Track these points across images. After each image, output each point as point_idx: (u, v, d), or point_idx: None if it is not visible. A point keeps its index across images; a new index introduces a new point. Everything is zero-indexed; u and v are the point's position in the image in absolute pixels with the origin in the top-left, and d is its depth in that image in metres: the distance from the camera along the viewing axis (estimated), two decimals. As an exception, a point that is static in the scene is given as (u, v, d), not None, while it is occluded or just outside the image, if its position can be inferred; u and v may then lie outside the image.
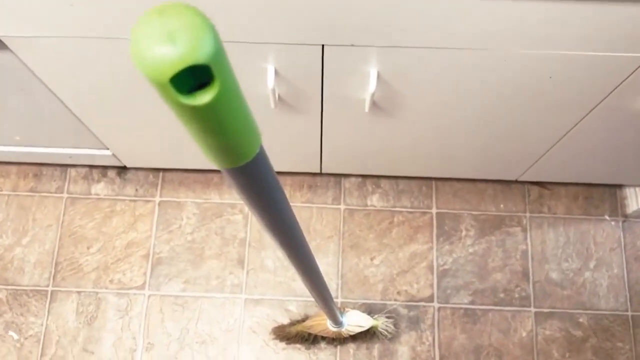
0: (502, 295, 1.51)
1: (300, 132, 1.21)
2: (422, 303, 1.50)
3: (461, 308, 1.50)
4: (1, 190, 1.59)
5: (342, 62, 0.93)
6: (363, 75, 0.97)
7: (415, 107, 1.09)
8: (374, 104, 1.06)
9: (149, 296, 1.50)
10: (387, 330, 1.38)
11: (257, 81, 0.98)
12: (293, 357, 1.45)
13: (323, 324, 1.25)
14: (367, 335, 1.41)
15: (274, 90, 0.97)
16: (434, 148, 1.30)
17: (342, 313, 1.24)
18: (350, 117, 1.12)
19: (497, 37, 0.86)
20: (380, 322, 1.36)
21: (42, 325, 1.48)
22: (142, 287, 1.51)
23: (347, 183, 1.60)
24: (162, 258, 1.53)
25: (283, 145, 1.30)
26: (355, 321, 1.27)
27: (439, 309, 1.49)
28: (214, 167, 1.50)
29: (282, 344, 1.46)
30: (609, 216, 1.58)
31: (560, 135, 1.22)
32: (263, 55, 0.92)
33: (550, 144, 1.28)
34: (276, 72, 0.96)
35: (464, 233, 1.56)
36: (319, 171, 1.49)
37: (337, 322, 1.20)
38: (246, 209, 1.57)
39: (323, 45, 0.89)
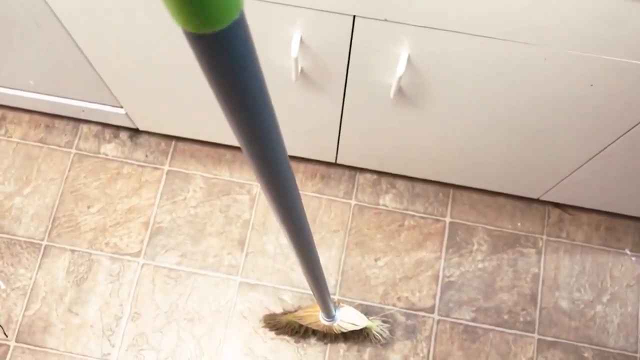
0: (506, 316, 1.44)
1: (319, 113, 1.16)
2: (422, 313, 1.43)
3: (462, 324, 1.43)
4: (11, 137, 1.56)
5: (372, 39, 0.88)
6: (392, 57, 0.91)
7: (442, 101, 1.03)
8: (400, 91, 1.00)
9: (143, 265, 1.46)
10: (381, 335, 1.32)
11: (281, 48, 0.93)
12: (280, 348, 1.39)
13: (315, 315, 1.19)
14: (360, 337, 1.35)
15: (296, 61, 0.92)
16: (456, 150, 1.24)
17: (336, 307, 1.18)
18: (373, 103, 1.07)
19: (543, 31, 0.80)
20: (375, 325, 1.30)
21: (30, 278, 1.44)
22: (137, 254, 1.47)
23: (361, 178, 1.54)
24: (162, 228, 1.49)
25: (300, 126, 1.25)
26: (348, 318, 1.21)
27: (439, 321, 1.43)
28: (228, 142, 1.45)
29: (271, 334, 1.40)
30: (630, 251, 1.50)
31: (591, 154, 1.15)
32: (290, 20, 0.87)
33: (578, 163, 1.21)
34: (301, 41, 0.91)
35: (475, 247, 1.49)
36: (333, 161, 1.44)
37: (330, 316, 1.14)
38: (254, 190, 1.52)
39: (354, 17, 0.84)
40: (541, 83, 0.92)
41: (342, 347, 1.39)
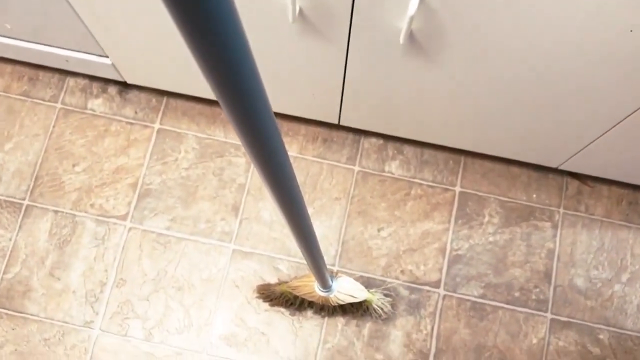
0: (517, 294, 1.34)
1: (320, 63, 1.05)
2: (427, 287, 1.34)
3: (469, 300, 1.33)
4: (-8, 90, 1.46)
5: (381, -29, 0.77)
6: (403, -6, 0.80)
7: (458, 51, 0.92)
8: (411, 36, 0.89)
9: (130, 229, 1.36)
10: (382, 309, 1.23)
11: (277, -18, 0.82)
12: (275, 321, 1.30)
13: (310, 285, 1.10)
14: (359, 311, 1.26)
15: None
16: (471, 111, 1.13)
17: (333, 277, 1.09)
18: (381, 51, 0.95)
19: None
20: (376, 298, 1.20)
21: (10, 240, 1.35)
22: (124, 217, 1.37)
23: (366, 143, 1.44)
24: (151, 190, 1.39)
25: (299, 80, 1.14)
26: (347, 289, 1.12)
27: (444, 297, 1.33)
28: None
29: (265, 305, 1.31)
30: (654, 227, 1.39)
31: (618, 118, 1.04)
32: (287, -55, 0.75)
33: (604, 128, 1.10)
34: (300, -27, 0.80)
35: (486, 219, 1.39)
36: (336, 122, 1.33)
37: (326, 286, 1.04)
38: (251, 152, 1.42)
39: (361, -58, 0.73)
40: (573, 27, 0.81)
41: (340, 321, 1.30)
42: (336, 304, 1.12)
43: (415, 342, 1.30)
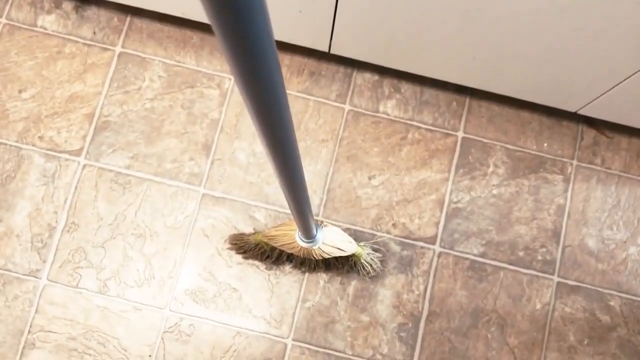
0: (521, 253, 1.19)
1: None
2: (421, 243, 1.19)
3: (468, 259, 1.19)
4: None
5: None
6: None
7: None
8: None
9: (84, 166, 1.19)
10: (371, 265, 1.07)
11: None
12: (248, 275, 1.15)
13: (290, 235, 0.94)
14: (345, 267, 1.10)
15: None
16: (482, 40, 0.95)
17: (318, 226, 0.93)
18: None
19: None
20: (365, 253, 1.05)
21: (-56, 174, 1.17)
22: (77, 153, 1.19)
23: (359, 78, 1.26)
24: (110, 123, 1.21)
25: (285, -7, 0.95)
26: (333, 241, 0.96)
27: (440, 254, 1.18)
28: (198, 18, 1.15)
29: (238, 257, 1.15)
30: (676, 185, 1.25)
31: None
32: None
33: (630, 70, 0.93)
34: None
35: (491, 169, 1.23)
36: (327, 49, 1.15)
37: (309, 236, 0.88)
38: (226, 84, 1.23)
39: None
40: None
41: (322, 277, 1.15)
42: (320, 258, 0.96)
43: (406, 303, 1.16)
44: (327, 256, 0.95)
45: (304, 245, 0.92)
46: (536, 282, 1.18)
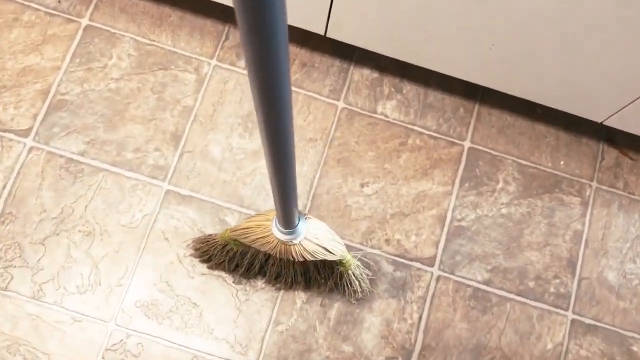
0: (532, 283, 1.03)
1: None
2: (417, 264, 1.02)
3: (470, 286, 1.02)
4: None
5: None
6: None
7: None
8: None
9: (31, 149, 1.02)
10: (359, 282, 0.90)
11: None
12: (213, 289, 0.97)
13: (266, 226, 0.76)
14: (329, 280, 0.93)
15: None
16: (501, 30, 0.82)
17: (301, 216, 0.76)
18: None
19: None
20: (354, 264, 0.88)
21: None
22: (25, 133, 1.02)
23: (356, 74, 1.11)
24: (66, 102, 1.04)
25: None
26: (318, 237, 0.78)
27: (439, 278, 1.02)
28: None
29: (202, 267, 0.98)
30: None
31: None
32: None
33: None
34: None
35: (500, 185, 1.08)
36: (323, 32, 1.00)
37: (290, 224, 0.71)
38: (204, 69, 1.08)
39: None
40: None
41: (300, 297, 0.98)
42: (300, 259, 0.78)
43: (397, 334, 0.98)
44: (309, 257, 0.78)
45: (282, 237, 0.74)
46: (548, 318, 1.01)
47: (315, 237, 0.76)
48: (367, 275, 0.95)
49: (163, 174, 1.02)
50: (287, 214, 0.64)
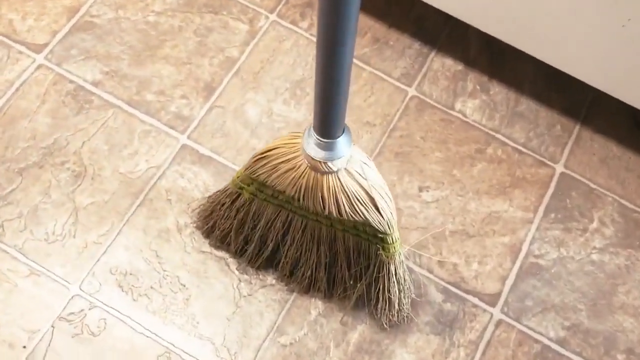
0: (621, 357, 0.77)
1: None
2: (475, 300, 0.78)
3: (539, 341, 0.77)
4: None
5: None
6: None
7: None
8: None
9: (40, 66, 0.86)
10: (402, 285, 0.67)
11: None
12: (210, 271, 0.76)
13: (294, 145, 0.53)
14: (358, 282, 0.70)
15: None
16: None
17: (347, 130, 0.52)
18: None
19: None
20: (401, 258, 0.65)
21: None
22: (38, 49, 0.87)
23: (437, 62, 0.92)
24: (95, 25, 0.89)
25: None
26: (366, 175, 0.53)
27: (500, 323, 0.78)
28: None
29: (203, 244, 0.77)
30: None
31: None
32: None
33: None
34: None
35: (594, 225, 0.84)
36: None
37: (330, 131, 0.48)
38: (261, 22, 0.91)
39: None
40: None
41: (316, 306, 0.75)
42: (334, 207, 0.53)
43: (433, 382, 0.74)
44: (346, 207, 0.53)
45: (316, 155, 0.49)
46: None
47: (360, 173, 0.53)
48: (411, 292, 0.72)
49: (184, 126, 0.84)
50: (331, 111, 0.42)
